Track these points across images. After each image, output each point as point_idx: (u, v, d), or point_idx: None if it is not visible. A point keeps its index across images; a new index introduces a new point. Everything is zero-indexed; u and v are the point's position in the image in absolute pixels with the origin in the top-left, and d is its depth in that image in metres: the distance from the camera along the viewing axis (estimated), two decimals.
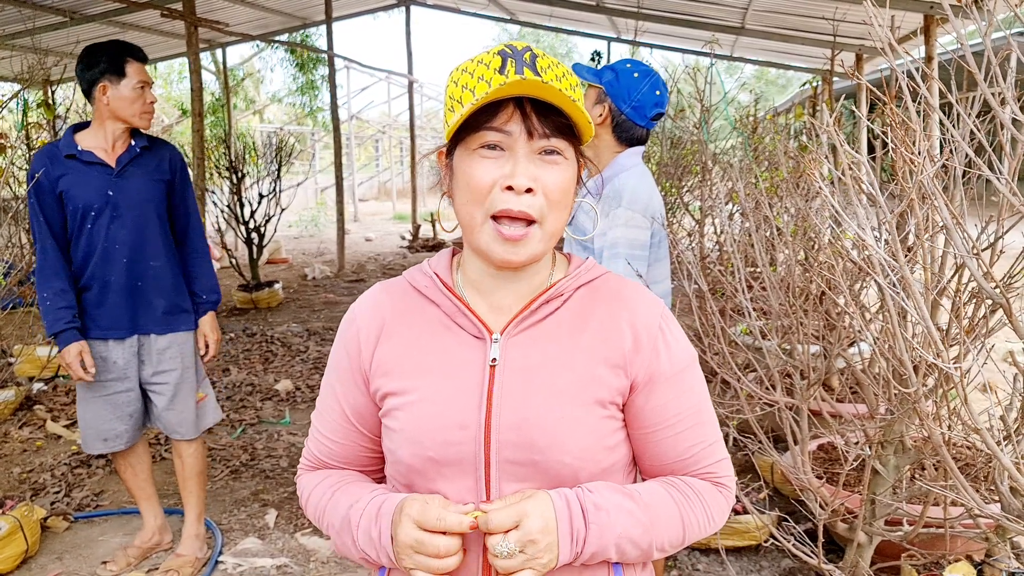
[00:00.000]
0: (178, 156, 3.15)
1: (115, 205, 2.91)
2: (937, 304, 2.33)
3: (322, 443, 1.26)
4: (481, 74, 1.04)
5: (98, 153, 2.92)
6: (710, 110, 5.12)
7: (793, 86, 23.81)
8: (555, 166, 1.07)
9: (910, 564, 2.59)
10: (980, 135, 1.54)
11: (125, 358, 3.02)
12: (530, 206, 1.05)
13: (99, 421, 3.03)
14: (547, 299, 1.14)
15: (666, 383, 1.13)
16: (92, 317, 2.97)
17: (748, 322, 2.55)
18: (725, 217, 3.60)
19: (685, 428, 1.15)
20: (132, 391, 3.06)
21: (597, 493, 1.08)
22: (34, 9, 8.06)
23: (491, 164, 1.06)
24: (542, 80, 1.01)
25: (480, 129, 1.06)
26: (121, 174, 2.94)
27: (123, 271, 2.95)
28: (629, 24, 10.40)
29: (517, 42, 1.09)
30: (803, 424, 2.53)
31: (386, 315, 1.19)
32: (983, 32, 1.52)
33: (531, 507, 1.04)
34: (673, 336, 1.16)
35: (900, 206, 1.75)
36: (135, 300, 2.98)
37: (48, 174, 2.88)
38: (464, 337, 1.14)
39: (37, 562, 3.29)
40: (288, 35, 14.03)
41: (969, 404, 1.68)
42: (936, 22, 5.82)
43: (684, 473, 1.18)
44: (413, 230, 14.25)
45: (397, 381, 1.15)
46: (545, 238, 1.08)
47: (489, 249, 1.08)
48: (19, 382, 5.42)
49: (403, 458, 1.13)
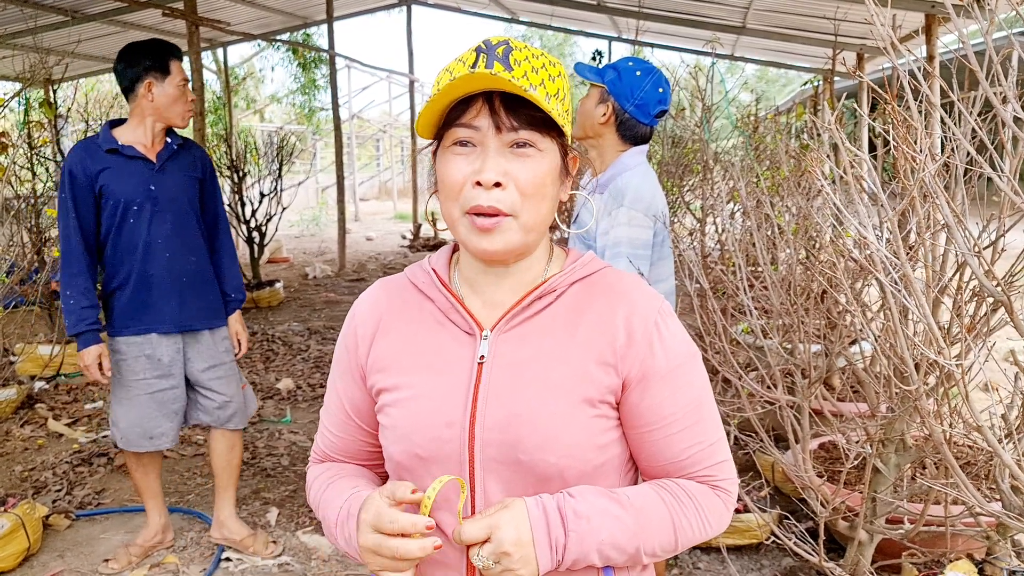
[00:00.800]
0: (208, 156, 3.19)
1: (156, 200, 2.92)
2: (938, 302, 2.33)
3: (327, 437, 1.27)
4: (455, 71, 1.04)
5: (139, 148, 2.93)
6: (711, 109, 5.12)
7: (794, 84, 23.80)
8: (527, 159, 1.05)
9: (911, 562, 2.59)
10: (982, 132, 1.54)
11: (170, 355, 3.02)
12: (499, 200, 1.04)
13: (145, 419, 3.01)
14: (539, 295, 1.12)
15: (661, 380, 1.10)
16: (133, 313, 2.97)
17: (750, 321, 2.55)
18: (726, 216, 3.60)
19: (682, 428, 1.11)
20: (178, 388, 3.06)
21: (580, 498, 1.05)
22: (35, 8, 8.06)
23: (462, 160, 1.05)
24: (503, 74, 1.00)
25: (452, 126, 1.06)
26: (161, 170, 2.95)
27: (165, 266, 2.95)
28: (630, 24, 10.39)
29: (497, 36, 1.08)
30: (804, 422, 2.53)
31: (383, 311, 1.19)
32: (985, 31, 1.52)
33: (504, 519, 1.01)
34: (670, 331, 1.12)
35: (902, 204, 1.75)
36: (179, 295, 2.99)
37: (86, 169, 2.87)
38: (456, 333, 1.14)
39: (39, 560, 3.30)
40: (289, 34, 14.03)
41: (971, 402, 1.68)
42: (938, 21, 5.82)
43: (681, 475, 1.14)
44: (414, 229, 14.26)
45: (391, 377, 1.15)
46: (522, 230, 1.07)
47: (468, 241, 1.07)
48: (21, 380, 5.42)
49: (393, 455, 1.13)
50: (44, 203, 6.01)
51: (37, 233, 5.83)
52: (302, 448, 4.55)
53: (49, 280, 5.69)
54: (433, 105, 1.04)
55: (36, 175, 6.33)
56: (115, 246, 2.94)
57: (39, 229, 5.83)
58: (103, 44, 10.42)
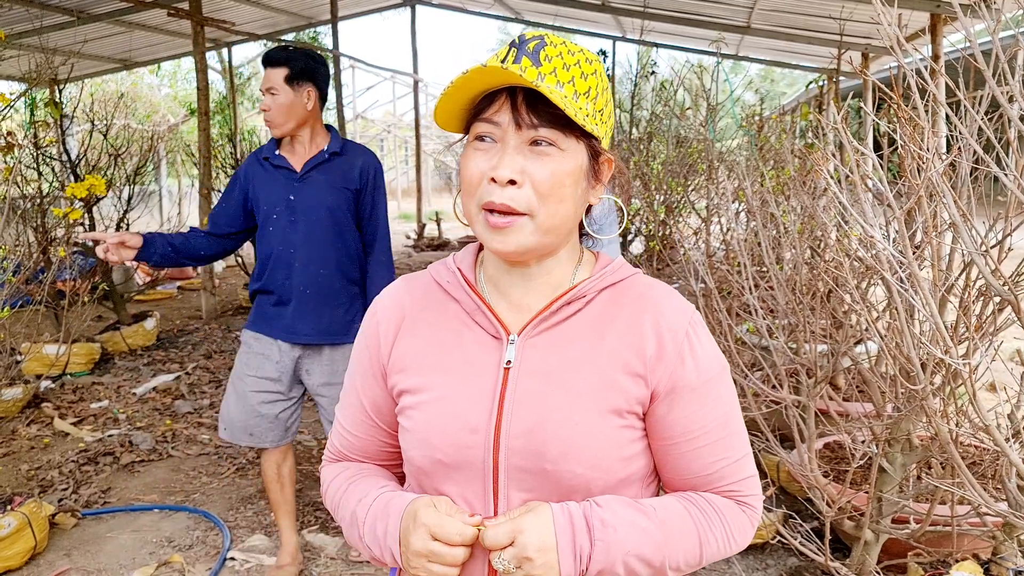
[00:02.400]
0: (373, 164, 3.04)
1: (292, 209, 2.90)
2: (945, 302, 2.33)
3: (343, 436, 1.24)
4: (488, 64, 1.02)
5: (288, 157, 2.94)
6: (716, 108, 5.12)
7: (798, 84, 23.75)
8: (546, 157, 1.02)
9: (916, 562, 2.58)
10: (988, 131, 1.53)
11: (284, 363, 2.98)
12: (512, 198, 1.01)
13: (248, 415, 2.99)
14: (568, 300, 1.09)
15: (691, 393, 1.07)
16: (258, 312, 3.02)
17: (755, 320, 2.55)
18: (732, 215, 3.59)
19: (709, 442, 1.08)
20: (283, 397, 3.01)
21: (606, 508, 1.02)
22: (41, 8, 8.09)
23: (481, 156, 1.04)
24: (518, 68, 0.99)
25: (476, 120, 1.04)
26: (303, 179, 2.92)
27: (291, 276, 2.92)
28: (635, 23, 10.39)
29: (533, 31, 1.06)
30: (810, 422, 2.53)
31: (406, 310, 1.17)
32: (992, 30, 1.52)
33: (528, 523, 0.99)
34: (701, 344, 1.08)
35: (909, 203, 1.75)
36: (298, 307, 2.93)
37: (246, 172, 2.98)
38: (482, 336, 1.11)
39: (45, 558, 3.31)
40: (294, 34, 14.05)
41: (978, 400, 1.68)
42: (943, 20, 5.81)
43: (707, 489, 1.11)
44: (418, 229, 14.25)
45: (413, 378, 1.12)
46: (538, 231, 1.03)
47: (483, 238, 1.05)
48: (27, 380, 5.43)
49: (413, 458, 1.11)
50: (50, 203, 6.03)
51: (43, 233, 5.84)
52: (306, 448, 4.56)
53: (55, 280, 5.70)
54: (450, 97, 1.02)
55: (42, 175, 6.36)
56: (261, 252, 3.00)
57: (45, 229, 5.85)
58: (108, 44, 10.46)
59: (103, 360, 6.30)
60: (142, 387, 5.68)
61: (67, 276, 6.49)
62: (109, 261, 2.67)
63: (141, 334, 6.73)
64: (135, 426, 4.92)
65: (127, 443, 4.57)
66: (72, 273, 6.47)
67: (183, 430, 4.84)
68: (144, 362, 6.37)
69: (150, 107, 17.10)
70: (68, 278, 6.47)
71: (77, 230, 6.04)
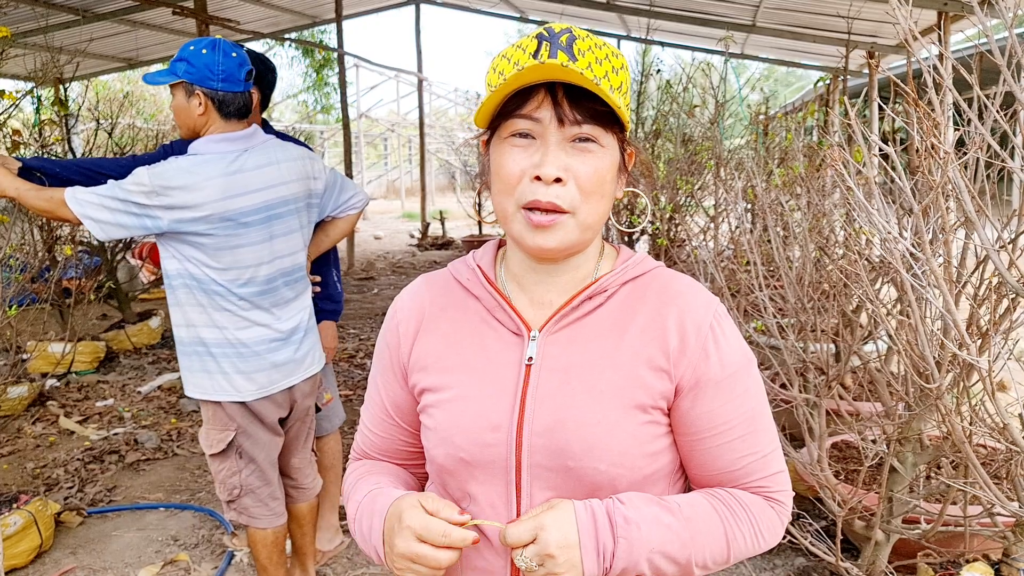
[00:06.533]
0: None
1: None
2: (958, 299, 2.31)
3: (366, 435, 1.24)
4: (516, 59, 1.00)
5: None
6: (724, 106, 5.10)
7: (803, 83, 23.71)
8: (588, 155, 1.00)
9: (927, 563, 2.57)
10: (1005, 124, 1.52)
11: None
12: (559, 197, 0.99)
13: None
14: (590, 295, 1.08)
15: (715, 387, 1.05)
16: None
17: (764, 319, 2.53)
18: (741, 212, 3.58)
19: (736, 437, 1.06)
20: None
21: (629, 505, 1.00)
22: (47, 7, 8.09)
23: (521, 153, 1.01)
24: (571, 65, 0.95)
25: (511, 117, 1.01)
26: None
27: None
28: (640, 22, 10.37)
29: (558, 23, 1.04)
30: (820, 421, 2.51)
31: (426, 308, 1.15)
32: (1009, 24, 1.50)
33: (550, 520, 0.97)
34: (725, 337, 1.06)
35: (927, 199, 1.73)
36: None
37: None
38: (503, 333, 1.09)
39: (51, 556, 3.31)
40: (298, 33, 14.05)
41: (996, 398, 1.66)
42: (949, 18, 5.78)
43: (734, 485, 1.09)
44: (422, 228, 14.25)
45: (434, 377, 1.11)
46: (579, 229, 1.02)
47: (522, 237, 1.03)
48: (32, 378, 5.44)
49: (436, 457, 1.10)
50: None
51: (48, 231, 5.85)
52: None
53: (60, 278, 5.71)
54: (496, 94, 1.00)
55: None
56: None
57: (50, 227, 5.85)
58: (114, 43, 10.46)
59: (108, 358, 6.31)
60: (147, 385, 5.68)
61: (72, 274, 6.49)
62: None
63: (146, 332, 6.73)
64: (140, 424, 4.92)
65: (132, 441, 4.58)
66: (77, 271, 6.48)
67: (188, 428, 4.84)
68: (149, 360, 6.37)
69: (155, 106, 17.11)
70: (73, 276, 6.47)
71: (82, 228, 6.03)
